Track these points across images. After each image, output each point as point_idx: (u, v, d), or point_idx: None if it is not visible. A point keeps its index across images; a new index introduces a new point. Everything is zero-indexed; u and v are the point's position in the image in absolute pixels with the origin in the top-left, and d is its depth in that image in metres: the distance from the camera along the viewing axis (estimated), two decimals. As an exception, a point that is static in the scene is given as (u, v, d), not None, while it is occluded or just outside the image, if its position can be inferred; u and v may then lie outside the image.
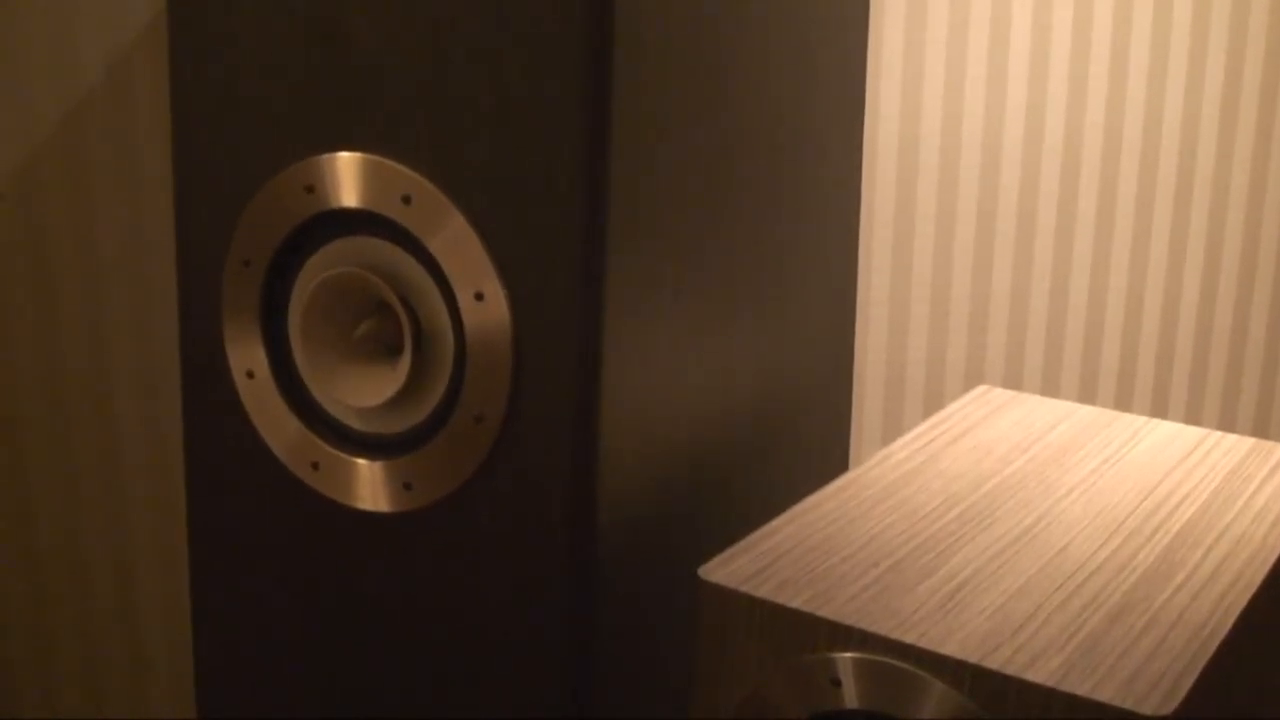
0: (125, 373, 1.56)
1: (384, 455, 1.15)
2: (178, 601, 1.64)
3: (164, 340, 1.56)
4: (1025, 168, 1.62)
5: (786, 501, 1.37)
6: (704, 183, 1.16)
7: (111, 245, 1.52)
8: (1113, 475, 1.20)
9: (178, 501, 1.61)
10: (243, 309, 1.18)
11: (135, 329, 1.55)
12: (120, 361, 1.56)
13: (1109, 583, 1.00)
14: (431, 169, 1.07)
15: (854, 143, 1.42)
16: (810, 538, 1.07)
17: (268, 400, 1.19)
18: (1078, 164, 1.62)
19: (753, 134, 1.22)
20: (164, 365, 1.57)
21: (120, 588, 1.62)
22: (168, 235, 1.53)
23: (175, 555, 1.63)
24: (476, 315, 1.07)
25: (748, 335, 1.26)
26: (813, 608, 0.96)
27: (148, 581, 1.63)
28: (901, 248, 1.66)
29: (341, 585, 1.20)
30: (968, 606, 0.96)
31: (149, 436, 1.58)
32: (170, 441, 1.59)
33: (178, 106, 1.18)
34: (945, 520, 1.10)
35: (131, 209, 1.52)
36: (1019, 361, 1.69)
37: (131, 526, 1.61)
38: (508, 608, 1.13)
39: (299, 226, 1.14)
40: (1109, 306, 1.67)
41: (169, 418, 1.58)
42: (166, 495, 1.61)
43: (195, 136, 1.18)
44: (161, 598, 1.64)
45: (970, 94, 1.60)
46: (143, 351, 1.56)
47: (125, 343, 1.55)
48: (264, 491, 1.22)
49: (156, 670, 1.66)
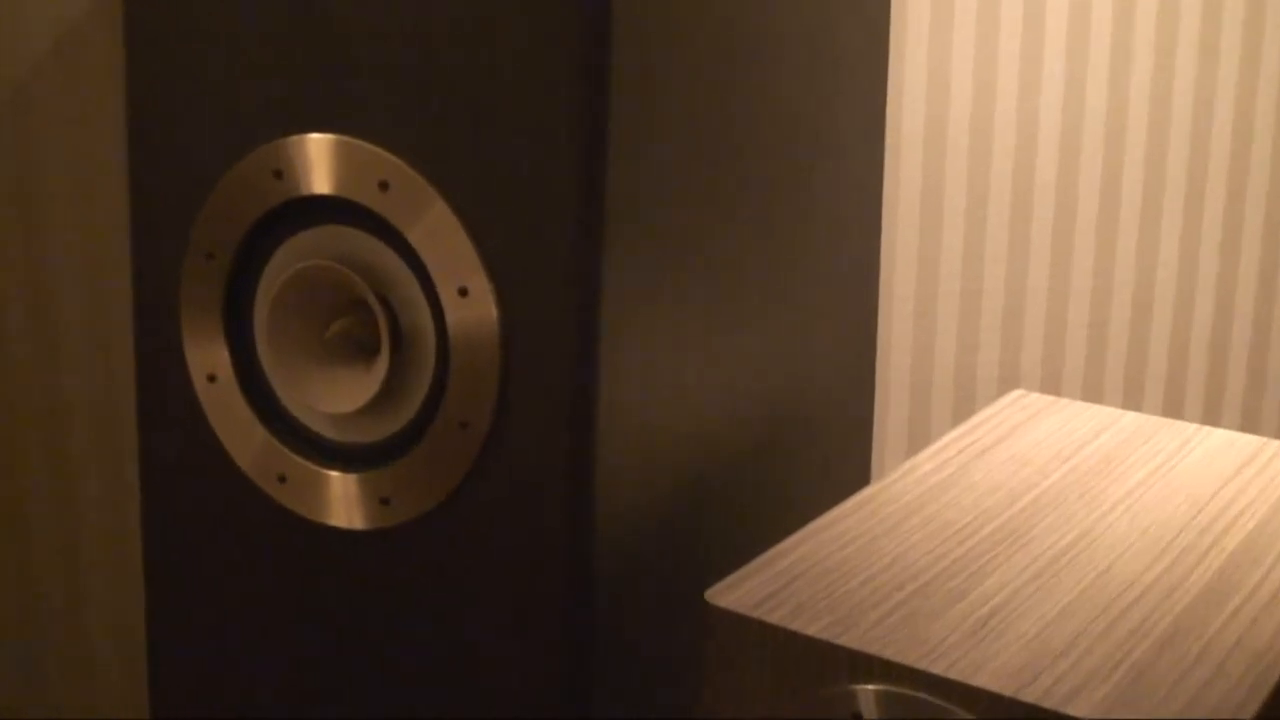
0: (76, 374, 1.56)
1: (359, 467, 1.14)
2: (132, 635, 1.64)
3: (118, 340, 1.55)
4: (1064, 150, 1.63)
5: (801, 518, 1.34)
6: (711, 169, 1.16)
7: (60, 236, 1.52)
8: (1161, 488, 1.20)
9: (132, 519, 1.60)
10: (204, 306, 1.18)
11: (86, 327, 1.55)
12: (71, 362, 1.55)
13: (1158, 606, 1.00)
14: (411, 152, 1.07)
15: (875, 125, 1.42)
16: (828, 558, 1.06)
17: (231, 406, 1.19)
18: (1121, 146, 1.62)
19: (764, 117, 1.22)
20: (118, 367, 1.56)
21: (70, 608, 1.62)
22: (121, 225, 1.52)
23: (129, 578, 1.63)
24: (460, 312, 1.07)
25: (759, 336, 1.26)
26: (831, 635, 0.95)
27: (100, 606, 1.63)
28: (928, 239, 1.66)
29: (312, 611, 1.19)
30: (1002, 634, 0.96)
31: (100, 450, 1.58)
32: (124, 453, 1.59)
33: (133, 83, 1.18)
34: (977, 539, 1.10)
35: (82, 195, 1.52)
36: (1057, 363, 1.69)
37: (83, 552, 1.61)
38: (495, 635, 1.12)
39: (266, 215, 1.14)
40: (1156, 303, 1.67)
41: (123, 427, 1.58)
42: (120, 513, 1.61)
43: (152, 116, 1.17)
44: (115, 630, 1.64)
45: (1004, 69, 1.60)
46: (95, 351, 1.56)
47: (76, 342, 1.55)
48: (226, 507, 1.21)
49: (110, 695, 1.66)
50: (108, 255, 1.53)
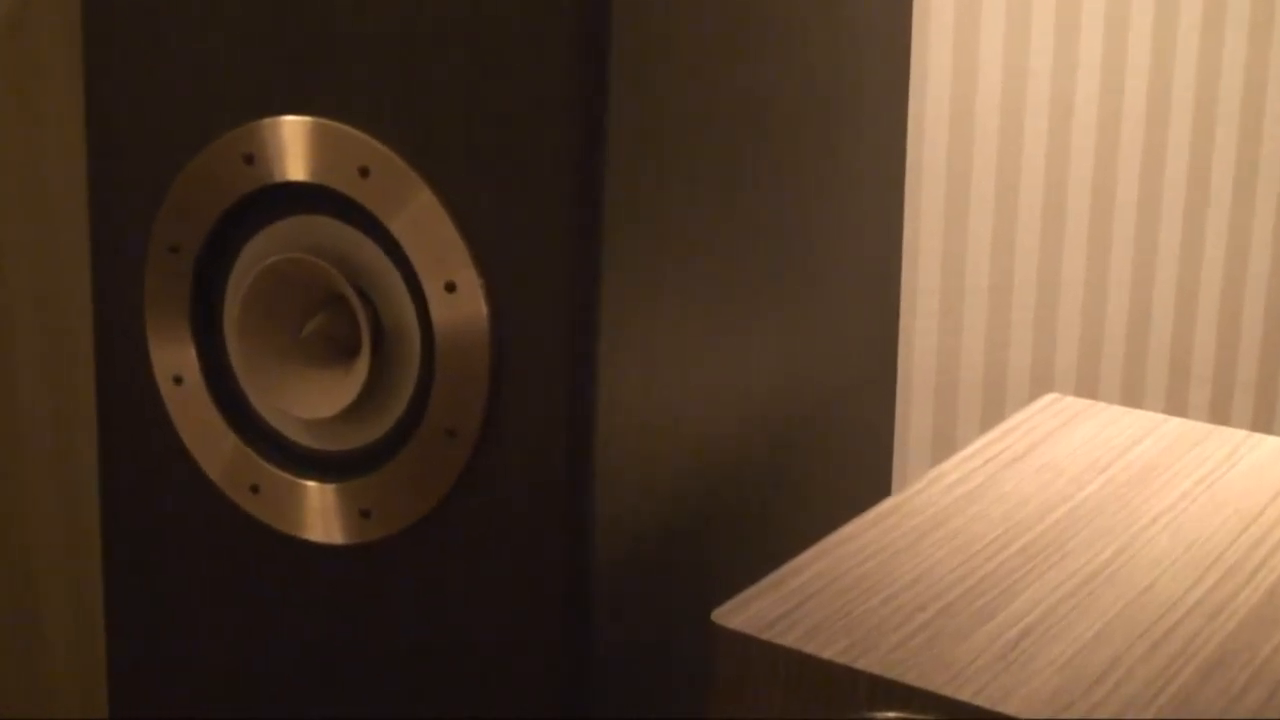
0: (31, 377, 1.56)
1: (337, 477, 1.15)
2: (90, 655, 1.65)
3: (76, 339, 1.56)
4: (1102, 132, 1.62)
5: (816, 532, 1.38)
6: (719, 155, 1.16)
7: (12, 227, 1.52)
8: (1207, 500, 1.20)
9: (91, 533, 1.61)
10: (169, 303, 1.18)
11: (41, 326, 1.56)
12: (26, 364, 1.56)
13: (1203, 629, 1.00)
14: (394, 135, 1.07)
15: (898, 107, 1.42)
16: (845, 575, 1.07)
17: (199, 411, 1.19)
18: (1165, 128, 1.62)
19: (777, 98, 1.22)
20: (76, 369, 1.57)
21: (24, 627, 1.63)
22: (79, 213, 1.53)
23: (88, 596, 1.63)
24: (447, 310, 1.07)
25: (771, 335, 1.26)
26: (849, 659, 0.96)
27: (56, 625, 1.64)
28: (954, 229, 1.66)
29: (286, 632, 1.20)
30: (1034, 657, 0.96)
31: (57, 459, 1.59)
32: (83, 462, 1.59)
33: (91, 60, 1.18)
34: (1006, 554, 1.10)
35: (35, 181, 1.52)
36: (1094, 364, 1.69)
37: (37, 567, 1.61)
38: (484, 660, 1.12)
39: (236, 204, 1.14)
40: (1202, 298, 1.67)
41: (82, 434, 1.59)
42: (78, 527, 1.61)
43: (111, 96, 1.18)
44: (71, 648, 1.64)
45: (1037, 44, 1.60)
46: (52, 352, 1.56)
47: (31, 342, 1.56)
48: (193, 520, 1.22)
49: None
50: (64, 249, 1.54)
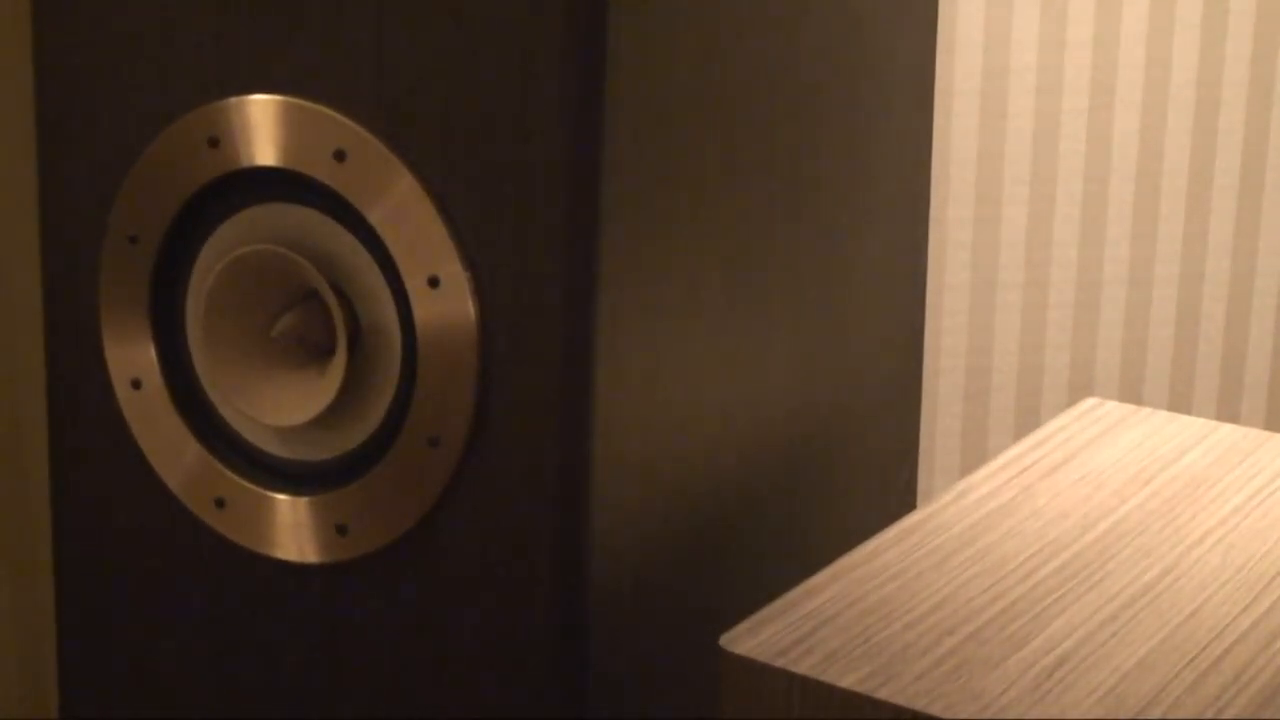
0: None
1: (310, 490, 1.15)
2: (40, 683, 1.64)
3: (25, 338, 1.56)
4: (1147, 112, 1.62)
5: (835, 550, 1.34)
6: (727, 138, 1.15)
7: None
8: (1260, 516, 1.19)
9: (41, 551, 1.61)
10: (126, 299, 1.18)
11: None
12: None
13: (1256, 656, 1.00)
14: (372, 116, 1.07)
15: (923, 85, 1.42)
16: (866, 597, 1.07)
17: (159, 417, 1.18)
18: (1215, 111, 1.62)
19: (790, 74, 1.21)
20: (24, 371, 1.57)
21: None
22: (28, 202, 1.52)
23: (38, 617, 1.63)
24: (431, 306, 1.07)
25: (785, 336, 1.26)
26: (869, 688, 0.95)
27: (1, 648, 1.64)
28: (985, 220, 1.66)
29: (256, 657, 1.19)
30: (1072, 687, 0.96)
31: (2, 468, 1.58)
32: (31, 473, 1.59)
33: (41, 34, 1.17)
34: (1041, 575, 1.10)
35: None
36: (1138, 367, 1.69)
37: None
38: (471, 687, 1.12)
39: (199, 191, 1.14)
40: (1255, 295, 1.67)
41: (30, 443, 1.59)
42: (26, 545, 1.61)
43: (63, 74, 1.17)
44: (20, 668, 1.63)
45: (1075, 13, 1.60)
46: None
47: None
48: (153, 536, 1.21)
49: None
50: (12, 239, 1.54)
